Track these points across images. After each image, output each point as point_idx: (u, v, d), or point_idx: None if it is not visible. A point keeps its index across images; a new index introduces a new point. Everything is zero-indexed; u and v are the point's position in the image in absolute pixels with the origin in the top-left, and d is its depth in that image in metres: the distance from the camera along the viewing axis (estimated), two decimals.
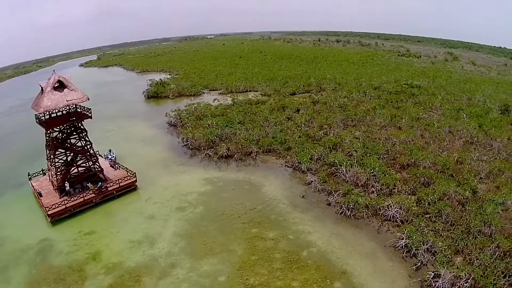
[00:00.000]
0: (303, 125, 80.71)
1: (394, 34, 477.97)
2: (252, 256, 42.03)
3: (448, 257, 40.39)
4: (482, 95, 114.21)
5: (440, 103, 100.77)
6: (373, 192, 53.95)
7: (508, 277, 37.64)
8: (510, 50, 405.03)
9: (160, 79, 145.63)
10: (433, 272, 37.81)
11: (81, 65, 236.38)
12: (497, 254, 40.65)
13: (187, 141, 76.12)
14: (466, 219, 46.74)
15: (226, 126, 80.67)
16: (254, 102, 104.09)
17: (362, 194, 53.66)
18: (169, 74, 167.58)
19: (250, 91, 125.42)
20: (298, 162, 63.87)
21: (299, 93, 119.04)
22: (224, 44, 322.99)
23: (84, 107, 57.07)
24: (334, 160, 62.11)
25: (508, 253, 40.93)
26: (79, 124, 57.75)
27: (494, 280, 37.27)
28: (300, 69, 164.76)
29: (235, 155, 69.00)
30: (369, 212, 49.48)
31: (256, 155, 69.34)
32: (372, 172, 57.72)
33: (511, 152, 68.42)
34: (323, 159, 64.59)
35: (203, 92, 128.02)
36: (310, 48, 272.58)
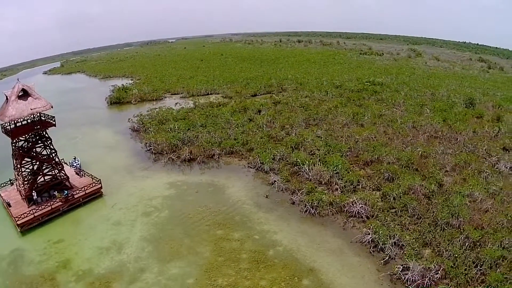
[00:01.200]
0: (264, 126, 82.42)
1: (356, 32, 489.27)
2: (219, 258, 43.19)
3: (416, 250, 42.14)
4: (446, 90, 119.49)
5: (403, 99, 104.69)
6: (337, 189, 55.69)
7: (480, 267, 39.55)
8: (475, 45, 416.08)
9: (123, 84, 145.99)
10: (401, 265, 39.44)
11: (45, 72, 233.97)
12: (467, 244, 42.65)
13: (150, 146, 76.98)
14: (433, 212, 48.80)
15: (188, 129, 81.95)
16: (216, 104, 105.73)
17: (326, 192, 55.40)
18: (131, 79, 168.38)
19: (211, 93, 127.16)
20: (260, 163, 65.45)
21: (261, 94, 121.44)
22: (185, 48, 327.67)
23: (48, 115, 57.32)
24: (296, 159, 63.89)
25: (478, 243, 42.99)
26: (44, 133, 58.15)
27: (465, 270, 39.17)
28: (261, 70, 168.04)
29: (198, 158, 70.18)
30: (333, 209, 51.12)
31: (218, 157, 70.65)
32: (335, 170, 59.56)
33: (477, 144, 71.55)
34: (286, 159, 66.28)
35: (165, 97, 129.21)
36: (271, 49, 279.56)
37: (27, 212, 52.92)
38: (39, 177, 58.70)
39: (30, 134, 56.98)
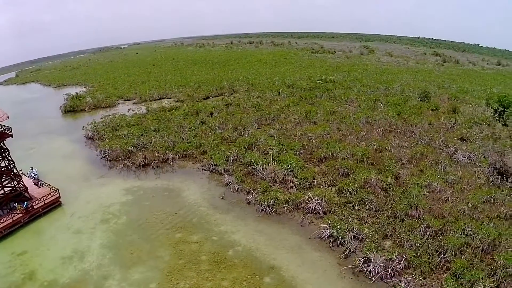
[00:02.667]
0: (217, 128, 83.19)
1: (308, 32, 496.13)
2: (179, 261, 43.79)
3: (377, 242, 43.58)
4: (400, 84, 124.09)
5: (356, 95, 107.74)
6: (292, 187, 56.93)
7: (444, 255, 41.23)
8: (429, 40, 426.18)
9: (76, 92, 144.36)
10: (363, 258, 40.75)
11: (0, 83, 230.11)
12: (428, 234, 44.38)
13: (105, 153, 76.71)
14: (391, 204, 50.52)
15: (142, 135, 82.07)
16: (168, 109, 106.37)
17: (281, 190, 56.65)
18: (85, 87, 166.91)
19: (163, 98, 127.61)
20: (214, 165, 66.20)
21: (212, 97, 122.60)
22: (137, 53, 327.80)
23: (5, 126, 56.75)
24: (250, 159, 64.74)
25: (440, 232, 44.86)
26: (1, 144, 57.19)
27: (428, 259, 40.77)
28: (212, 73, 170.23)
29: (152, 163, 70.38)
30: (290, 207, 52.31)
31: (173, 161, 71.08)
32: (289, 168, 60.84)
33: (433, 136, 74.40)
34: (239, 160, 67.21)
35: (118, 103, 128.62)
36: (223, 51, 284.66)
37: None
38: None
39: None
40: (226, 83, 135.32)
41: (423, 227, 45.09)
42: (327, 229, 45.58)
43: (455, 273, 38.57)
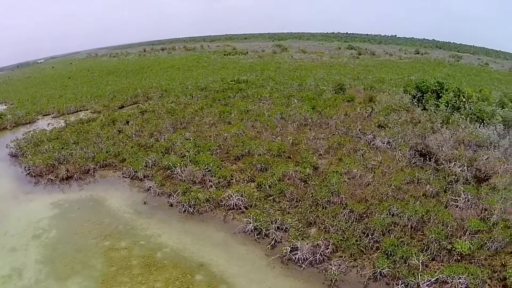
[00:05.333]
0: (134, 135, 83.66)
1: (220, 35, 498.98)
2: (111, 268, 44.01)
3: (301, 231, 45.79)
4: (313, 79, 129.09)
5: (269, 93, 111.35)
6: (211, 186, 58.57)
7: (372, 235, 43.72)
8: (344, 34, 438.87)
9: None
10: (289, 247, 42.71)
11: None
12: (353, 218, 46.87)
13: (29, 169, 75.93)
14: (312, 194, 52.81)
15: (62, 148, 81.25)
16: (86, 120, 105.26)
17: (201, 190, 58.05)
18: (5, 105, 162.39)
19: (81, 110, 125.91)
20: (134, 171, 66.57)
21: (128, 105, 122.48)
22: (53, 67, 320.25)
23: None
24: (168, 163, 65.62)
25: (364, 215, 47.59)
26: None
27: (356, 241, 43.28)
28: (127, 81, 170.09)
29: (75, 175, 69.85)
30: (211, 205, 53.81)
31: (94, 172, 70.86)
32: (207, 168, 62.52)
33: (350, 126, 78.07)
34: (158, 164, 67.99)
35: (38, 118, 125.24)
36: (136, 59, 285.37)
37: None
38: None
39: None
40: (140, 91, 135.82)
41: (346, 212, 47.53)
42: (250, 223, 47.31)
43: (386, 252, 40.99)
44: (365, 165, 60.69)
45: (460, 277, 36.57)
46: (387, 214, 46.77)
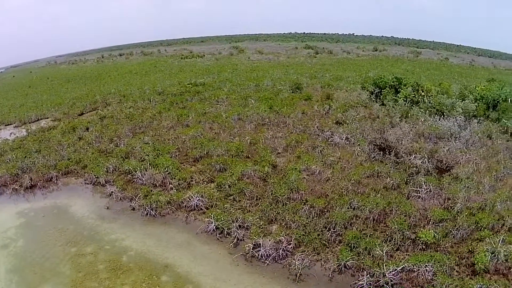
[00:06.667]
0: (94, 141, 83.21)
1: (177, 38, 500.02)
2: (79, 273, 43.99)
3: (263, 228, 46.47)
4: (270, 80, 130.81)
5: (227, 95, 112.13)
6: (172, 188, 58.87)
7: (334, 229, 44.57)
8: (301, 34, 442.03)
9: None
10: (252, 244, 43.18)
11: None
12: (313, 213, 47.67)
13: None
14: (271, 191, 53.48)
15: (25, 157, 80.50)
16: (47, 128, 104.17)
17: (161, 192, 58.10)
18: None
19: (42, 119, 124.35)
20: (96, 177, 66.33)
21: (87, 112, 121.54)
22: (14, 76, 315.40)
23: None
24: (128, 167, 65.56)
25: (325, 210, 48.48)
26: None
27: (318, 235, 44.11)
28: (85, 88, 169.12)
29: (39, 184, 69.37)
30: (173, 207, 54.20)
31: (57, 180, 70.36)
32: (167, 171, 62.74)
33: (307, 124, 79.30)
34: (119, 169, 67.82)
35: (0, 129, 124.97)
36: (94, 66, 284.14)
37: None
38: None
39: None
40: (99, 97, 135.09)
41: (307, 208, 48.29)
42: (212, 223, 47.73)
43: (349, 244, 41.89)
44: (324, 162, 61.66)
45: (426, 265, 37.66)
46: (348, 208, 47.82)
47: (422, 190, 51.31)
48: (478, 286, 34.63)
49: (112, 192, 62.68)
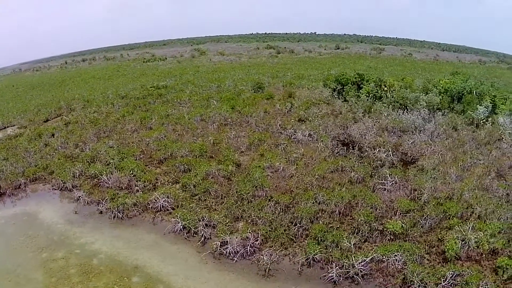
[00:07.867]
0: (59, 147, 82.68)
1: (139, 42, 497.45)
2: (52, 279, 43.88)
3: (229, 225, 47.04)
4: (232, 80, 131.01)
5: (189, 96, 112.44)
6: (137, 190, 59.02)
7: (300, 224, 45.41)
8: (262, 35, 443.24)
9: None
10: (219, 242, 43.73)
11: None
12: (279, 209, 48.43)
13: None
14: (236, 189, 54.18)
15: None
16: (13, 136, 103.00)
17: (128, 195, 58.22)
18: None
19: (8, 127, 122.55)
20: (63, 183, 66.06)
21: (52, 118, 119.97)
22: None
23: None
24: (94, 172, 65.46)
25: (290, 205, 49.24)
26: None
27: (285, 230, 44.86)
28: (50, 95, 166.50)
29: (7, 191, 68.95)
30: (139, 209, 54.44)
31: (25, 186, 69.95)
32: (132, 173, 62.90)
33: (270, 122, 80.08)
34: (85, 174, 67.62)
35: None
36: (58, 72, 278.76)
37: None
38: None
39: None
40: (64, 103, 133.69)
41: (272, 204, 49.14)
42: (179, 223, 48.09)
43: (316, 238, 42.70)
44: (287, 158, 62.52)
45: (396, 255, 38.61)
46: (313, 203, 48.63)
47: (387, 183, 52.46)
48: (451, 272, 35.49)
49: (80, 196, 62.45)
